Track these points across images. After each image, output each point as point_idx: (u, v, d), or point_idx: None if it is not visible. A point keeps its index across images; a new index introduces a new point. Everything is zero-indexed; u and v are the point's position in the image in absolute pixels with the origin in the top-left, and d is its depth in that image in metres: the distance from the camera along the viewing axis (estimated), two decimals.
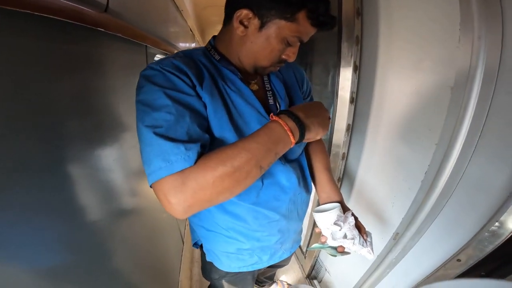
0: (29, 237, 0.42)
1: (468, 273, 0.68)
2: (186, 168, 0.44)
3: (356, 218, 0.68)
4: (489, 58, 0.57)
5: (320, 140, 0.86)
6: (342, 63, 1.04)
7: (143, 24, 0.95)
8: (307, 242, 1.62)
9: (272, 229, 0.73)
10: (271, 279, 1.59)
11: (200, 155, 0.47)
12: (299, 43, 0.58)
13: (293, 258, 1.82)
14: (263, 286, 1.59)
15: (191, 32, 2.68)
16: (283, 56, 0.59)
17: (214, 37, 0.66)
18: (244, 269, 0.80)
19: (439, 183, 0.69)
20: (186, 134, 0.47)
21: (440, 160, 0.68)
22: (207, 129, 0.55)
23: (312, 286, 1.60)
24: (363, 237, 0.64)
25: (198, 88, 0.54)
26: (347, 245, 0.62)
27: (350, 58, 1.00)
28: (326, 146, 1.20)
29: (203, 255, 0.85)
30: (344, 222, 0.64)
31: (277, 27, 0.53)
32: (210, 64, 0.61)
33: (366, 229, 0.68)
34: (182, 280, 1.53)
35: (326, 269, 1.54)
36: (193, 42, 2.84)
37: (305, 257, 1.70)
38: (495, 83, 0.58)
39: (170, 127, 0.46)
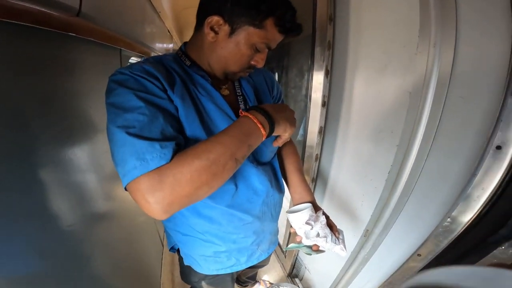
0: None
1: (429, 268, 0.71)
2: (162, 165, 0.43)
3: (327, 217, 0.70)
4: (443, 65, 0.61)
5: (291, 143, 0.88)
6: (315, 67, 1.07)
7: (118, 27, 0.93)
8: (286, 242, 1.65)
9: (247, 231, 0.74)
10: (253, 278, 1.60)
11: (175, 153, 0.46)
12: (267, 50, 0.60)
13: (274, 257, 1.85)
14: (246, 286, 1.60)
15: (169, 34, 2.65)
16: (252, 62, 0.61)
17: (185, 43, 0.67)
18: (223, 272, 0.80)
19: (400, 182, 0.74)
20: (160, 134, 0.47)
21: (401, 160, 0.73)
22: (180, 131, 0.55)
23: (294, 284, 1.63)
24: (335, 235, 0.67)
25: (169, 92, 0.54)
26: (320, 243, 0.65)
27: (322, 62, 1.04)
28: (300, 147, 1.23)
29: (180, 259, 0.85)
30: (315, 221, 0.66)
31: (246, 34, 0.55)
32: (181, 70, 0.61)
33: (338, 227, 0.70)
34: (164, 283, 1.51)
35: (305, 267, 1.58)
36: (171, 43, 2.80)
37: (285, 256, 1.73)
38: (447, 88, 0.63)
39: (143, 127, 0.46)
